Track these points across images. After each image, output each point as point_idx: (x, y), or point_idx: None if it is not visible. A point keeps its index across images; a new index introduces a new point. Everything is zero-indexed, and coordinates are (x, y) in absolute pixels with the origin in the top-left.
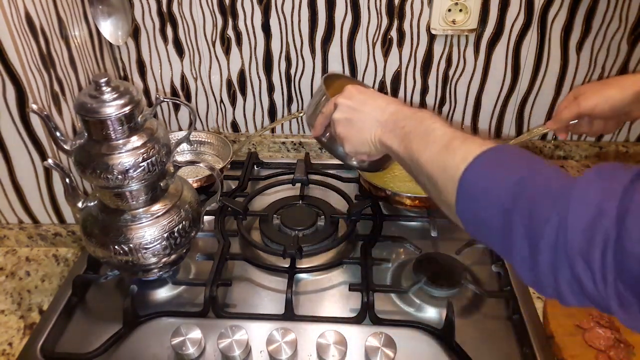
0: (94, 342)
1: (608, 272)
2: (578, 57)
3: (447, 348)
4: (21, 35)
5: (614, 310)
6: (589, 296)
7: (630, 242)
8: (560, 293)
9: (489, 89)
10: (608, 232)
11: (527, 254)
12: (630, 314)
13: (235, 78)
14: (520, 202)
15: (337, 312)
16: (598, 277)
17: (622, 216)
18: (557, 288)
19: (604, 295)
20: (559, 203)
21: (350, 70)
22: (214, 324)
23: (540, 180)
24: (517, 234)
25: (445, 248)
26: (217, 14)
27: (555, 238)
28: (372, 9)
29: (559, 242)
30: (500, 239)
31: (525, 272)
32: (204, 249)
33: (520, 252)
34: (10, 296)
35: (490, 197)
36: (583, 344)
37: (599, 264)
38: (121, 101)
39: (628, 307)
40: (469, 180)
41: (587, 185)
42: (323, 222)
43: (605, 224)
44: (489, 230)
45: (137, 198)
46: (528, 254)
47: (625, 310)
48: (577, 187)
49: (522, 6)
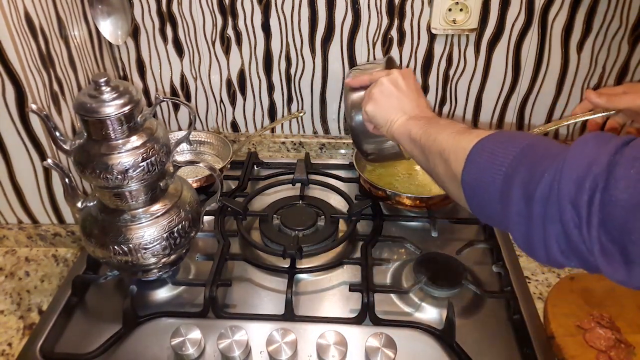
0: (94, 342)
1: (593, 218)
2: (579, 57)
3: (447, 348)
4: (21, 35)
5: (598, 261)
6: (574, 248)
7: (616, 190)
8: (549, 248)
9: (490, 89)
10: (597, 179)
11: (523, 210)
12: (613, 265)
13: (235, 78)
14: (521, 164)
15: (337, 313)
16: (584, 223)
17: (612, 167)
18: (546, 242)
19: (589, 245)
20: (557, 160)
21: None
22: (213, 325)
23: (541, 146)
24: (515, 192)
25: (446, 248)
26: (217, 13)
27: (549, 189)
28: (373, 8)
29: (552, 192)
30: (497, 199)
31: (518, 228)
32: (203, 249)
33: (517, 209)
34: (10, 296)
35: (495, 160)
36: (583, 344)
37: (586, 210)
38: (121, 101)
39: (610, 257)
40: (478, 147)
41: (583, 143)
42: (323, 222)
43: (595, 171)
44: (489, 194)
45: (137, 198)
46: (524, 209)
47: (608, 261)
48: (574, 145)
49: (522, 6)
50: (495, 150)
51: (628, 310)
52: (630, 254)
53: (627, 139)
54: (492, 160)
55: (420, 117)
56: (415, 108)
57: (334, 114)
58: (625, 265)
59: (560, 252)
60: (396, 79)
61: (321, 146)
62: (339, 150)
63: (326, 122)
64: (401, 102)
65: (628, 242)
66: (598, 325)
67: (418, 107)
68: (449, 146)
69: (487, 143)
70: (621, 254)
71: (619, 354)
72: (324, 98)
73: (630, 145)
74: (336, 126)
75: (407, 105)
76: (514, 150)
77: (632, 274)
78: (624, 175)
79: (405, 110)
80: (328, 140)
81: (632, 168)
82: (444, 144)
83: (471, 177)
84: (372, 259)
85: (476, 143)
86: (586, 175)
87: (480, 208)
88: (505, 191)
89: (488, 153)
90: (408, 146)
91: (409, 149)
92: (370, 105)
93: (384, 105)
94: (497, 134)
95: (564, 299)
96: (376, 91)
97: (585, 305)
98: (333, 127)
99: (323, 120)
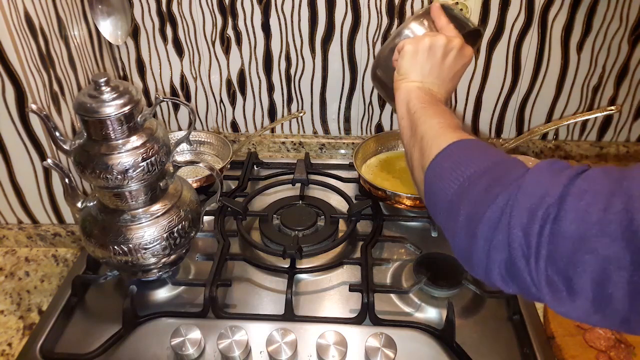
0: (94, 342)
1: (542, 249)
2: (579, 57)
3: (447, 349)
4: (20, 35)
5: (542, 292)
6: (517, 277)
7: (565, 222)
8: (489, 272)
9: (490, 89)
10: (549, 210)
11: (466, 227)
12: (557, 297)
13: (235, 78)
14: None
15: (337, 313)
16: (532, 254)
17: (563, 198)
18: (488, 265)
19: (534, 276)
20: (512, 186)
21: (350, 70)
22: (213, 325)
23: (502, 169)
24: (463, 209)
25: (446, 248)
26: (216, 13)
27: (500, 214)
28: (373, 8)
29: (503, 217)
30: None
31: (459, 244)
32: (203, 249)
33: (461, 224)
34: (10, 296)
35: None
36: (583, 345)
37: (536, 240)
38: (120, 101)
39: (555, 289)
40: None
41: (539, 172)
42: (323, 222)
43: (549, 202)
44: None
45: (137, 198)
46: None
47: (552, 293)
48: (530, 173)
49: (522, 6)
50: (460, 161)
51: None
52: (574, 286)
53: (581, 169)
54: (453, 169)
55: (429, 94)
56: (439, 86)
57: (334, 114)
58: (569, 296)
59: (501, 277)
60: (451, 49)
61: (321, 146)
62: (339, 150)
63: (326, 122)
64: (433, 70)
65: (573, 275)
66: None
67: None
68: (429, 136)
69: (457, 150)
70: (565, 285)
71: (619, 354)
72: (324, 98)
73: (581, 177)
74: (336, 126)
75: (434, 78)
76: (478, 165)
77: (575, 305)
78: (573, 208)
79: (430, 81)
80: (328, 140)
81: (580, 200)
82: (428, 132)
83: (431, 176)
84: (372, 259)
85: (449, 145)
86: (539, 204)
87: (429, 207)
88: (455, 203)
89: (453, 161)
90: (400, 112)
91: (399, 115)
92: (409, 46)
93: (418, 59)
94: (471, 143)
95: None
96: (426, 43)
97: None
98: (333, 127)
99: (323, 120)
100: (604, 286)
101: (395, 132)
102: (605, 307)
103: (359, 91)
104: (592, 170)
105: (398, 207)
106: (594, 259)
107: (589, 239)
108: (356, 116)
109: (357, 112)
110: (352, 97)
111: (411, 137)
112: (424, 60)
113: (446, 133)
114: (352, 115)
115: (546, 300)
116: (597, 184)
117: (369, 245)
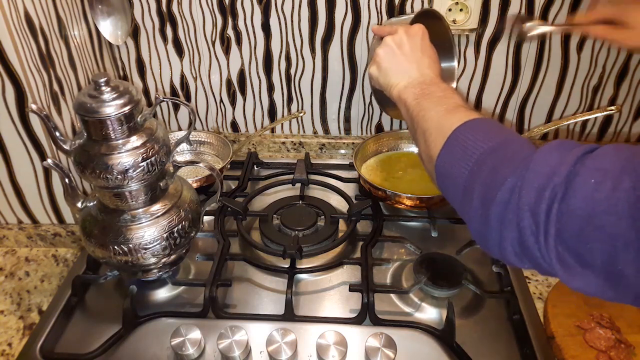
0: (94, 342)
1: (551, 228)
2: (579, 57)
3: (447, 348)
4: (21, 35)
5: (555, 269)
6: (528, 254)
7: (574, 200)
8: (503, 250)
9: (490, 89)
10: (556, 189)
11: (480, 209)
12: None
13: (235, 78)
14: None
15: (337, 313)
16: (541, 232)
17: (571, 177)
18: (501, 244)
19: (544, 253)
20: (520, 166)
21: (350, 70)
22: (213, 325)
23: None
24: (477, 191)
25: (446, 248)
26: (216, 13)
27: (510, 194)
28: (373, 8)
29: (512, 197)
30: (461, 193)
31: (475, 226)
32: (203, 249)
33: (476, 206)
34: (10, 296)
35: (465, 154)
36: (583, 345)
37: (544, 219)
38: (121, 101)
39: (566, 265)
40: (455, 137)
41: (548, 152)
42: (323, 223)
43: (556, 181)
44: (455, 187)
45: (137, 198)
46: (481, 209)
47: (564, 268)
48: (539, 153)
49: (522, 6)
50: (468, 143)
51: (628, 310)
52: (585, 262)
53: (590, 148)
54: (462, 153)
55: (417, 85)
56: (416, 71)
57: (334, 114)
58: (582, 272)
59: (514, 254)
60: (400, 38)
61: (321, 146)
62: (339, 150)
63: (326, 122)
64: (401, 66)
65: (584, 251)
66: (598, 325)
67: (419, 69)
68: (432, 127)
69: (464, 132)
70: (577, 261)
71: (619, 354)
72: (324, 98)
73: (591, 156)
74: (336, 126)
75: (408, 69)
76: (484, 146)
77: (588, 280)
78: (582, 186)
79: (408, 73)
80: (328, 140)
81: (590, 178)
82: (429, 123)
83: (443, 166)
84: (372, 259)
85: (455, 130)
86: (547, 184)
87: (447, 197)
88: (468, 189)
89: (461, 145)
90: (404, 115)
91: (405, 118)
92: (372, 68)
93: (385, 68)
94: (478, 122)
95: (564, 299)
96: (380, 52)
97: (585, 306)
98: (333, 127)
99: (323, 120)
100: (613, 263)
101: (395, 132)
102: (618, 283)
103: (359, 91)
104: (603, 148)
105: (398, 207)
106: (603, 236)
107: (597, 216)
108: (356, 116)
109: (357, 112)
110: (352, 97)
111: (416, 133)
112: (389, 65)
113: (449, 118)
114: (352, 115)
115: (559, 275)
116: (607, 162)
117: (369, 245)
